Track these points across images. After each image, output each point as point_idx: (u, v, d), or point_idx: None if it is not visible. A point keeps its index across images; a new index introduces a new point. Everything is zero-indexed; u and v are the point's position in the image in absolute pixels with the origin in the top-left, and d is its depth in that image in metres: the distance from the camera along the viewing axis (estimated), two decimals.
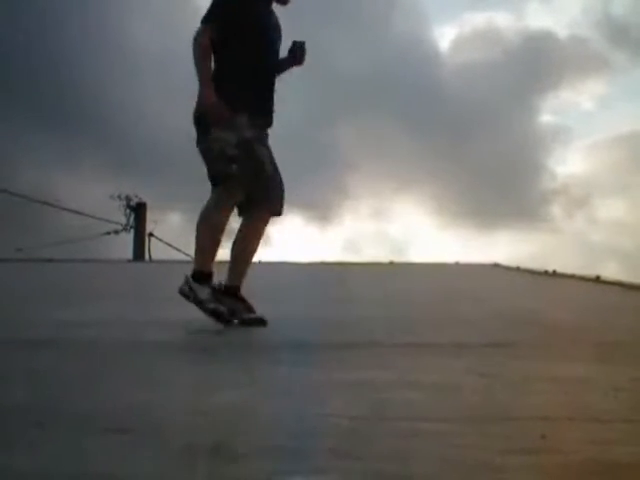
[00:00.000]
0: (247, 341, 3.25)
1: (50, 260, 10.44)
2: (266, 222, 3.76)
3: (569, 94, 41.09)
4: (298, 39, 3.72)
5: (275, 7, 3.82)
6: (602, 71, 38.69)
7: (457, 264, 10.83)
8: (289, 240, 25.68)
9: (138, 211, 16.73)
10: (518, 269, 9.30)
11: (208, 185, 3.65)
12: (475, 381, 2.37)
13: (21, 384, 2.31)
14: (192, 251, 3.80)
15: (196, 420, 1.85)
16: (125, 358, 2.82)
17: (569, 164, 40.92)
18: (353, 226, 28.81)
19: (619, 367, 2.65)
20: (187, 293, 3.52)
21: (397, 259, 11.41)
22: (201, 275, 3.55)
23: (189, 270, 3.55)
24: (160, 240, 16.19)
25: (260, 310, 3.60)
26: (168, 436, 1.69)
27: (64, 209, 15.63)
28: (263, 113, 3.68)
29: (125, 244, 16.35)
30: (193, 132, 3.63)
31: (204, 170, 3.65)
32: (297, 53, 3.71)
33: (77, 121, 23.81)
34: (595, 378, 2.44)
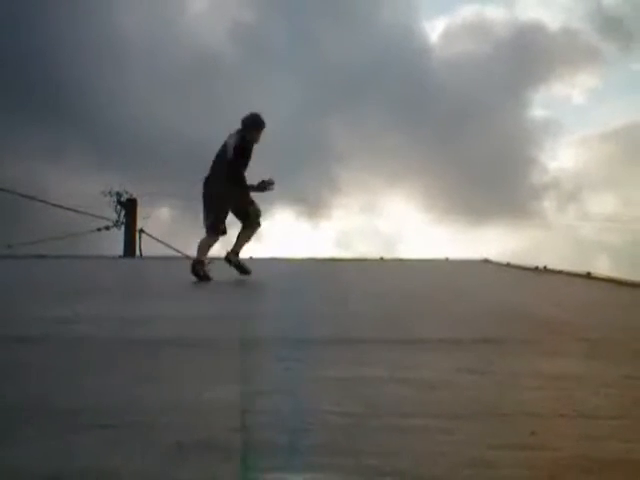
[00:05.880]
0: (238, 338, 3.25)
1: (42, 256, 10.38)
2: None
3: (560, 87, 40.93)
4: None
5: None
6: (594, 64, 38.47)
7: (447, 260, 10.85)
8: (279, 235, 25.57)
9: (129, 207, 16.66)
10: (508, 265, 9.32)
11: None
12: (465, 377, 2.37)
13: (10, 380, 2.29)
14: (182, 247, 3.91)
15: (187, 416, 1.84)
16: (116, 354, 2.81)
17: (560, 158, 40.79)
18: (344, 221, 28.65)
19: (609, 364, 2.66)
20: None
21: (388, 255, 11.42)
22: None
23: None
24: (151, 236, 16.11)
25: (252, 306, 3.59)
26: (158, 432, 1.69)
27: (55, 205, 15.52)
28: None
29: (116, 240, 16.27)
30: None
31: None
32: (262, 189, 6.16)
33: (63, 115, 23.62)
34: (585, 375, 2.45)
